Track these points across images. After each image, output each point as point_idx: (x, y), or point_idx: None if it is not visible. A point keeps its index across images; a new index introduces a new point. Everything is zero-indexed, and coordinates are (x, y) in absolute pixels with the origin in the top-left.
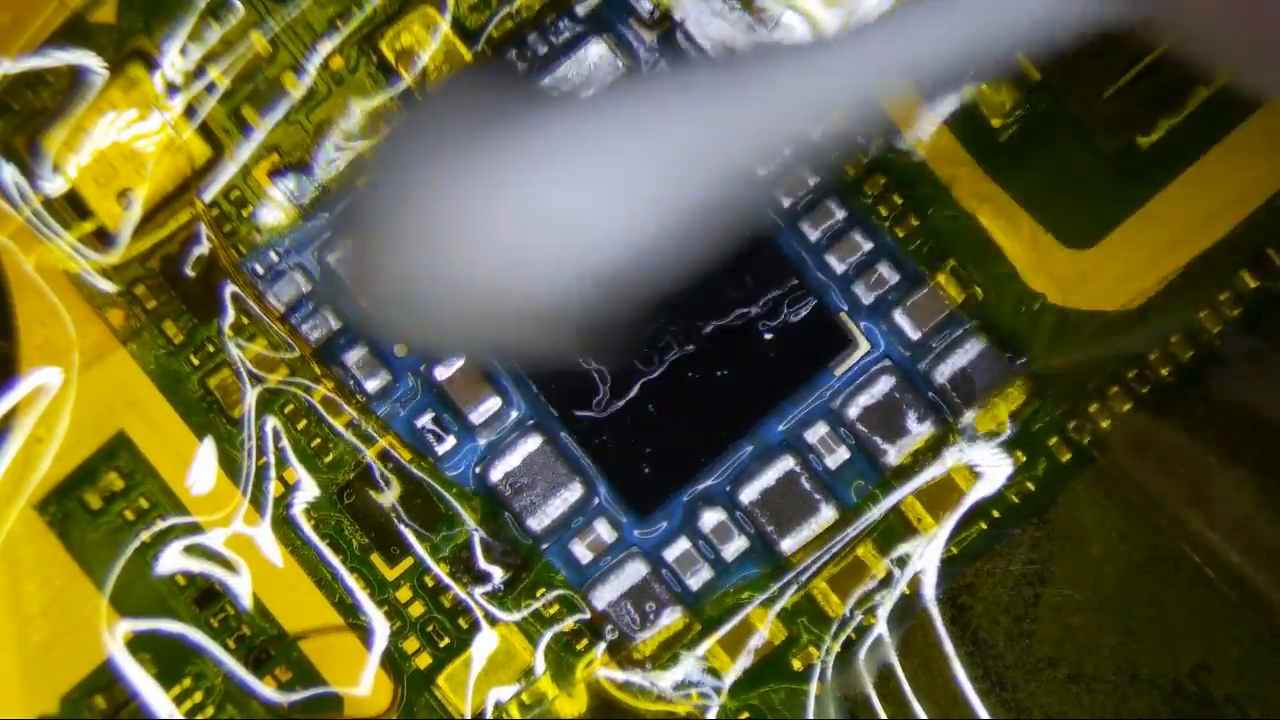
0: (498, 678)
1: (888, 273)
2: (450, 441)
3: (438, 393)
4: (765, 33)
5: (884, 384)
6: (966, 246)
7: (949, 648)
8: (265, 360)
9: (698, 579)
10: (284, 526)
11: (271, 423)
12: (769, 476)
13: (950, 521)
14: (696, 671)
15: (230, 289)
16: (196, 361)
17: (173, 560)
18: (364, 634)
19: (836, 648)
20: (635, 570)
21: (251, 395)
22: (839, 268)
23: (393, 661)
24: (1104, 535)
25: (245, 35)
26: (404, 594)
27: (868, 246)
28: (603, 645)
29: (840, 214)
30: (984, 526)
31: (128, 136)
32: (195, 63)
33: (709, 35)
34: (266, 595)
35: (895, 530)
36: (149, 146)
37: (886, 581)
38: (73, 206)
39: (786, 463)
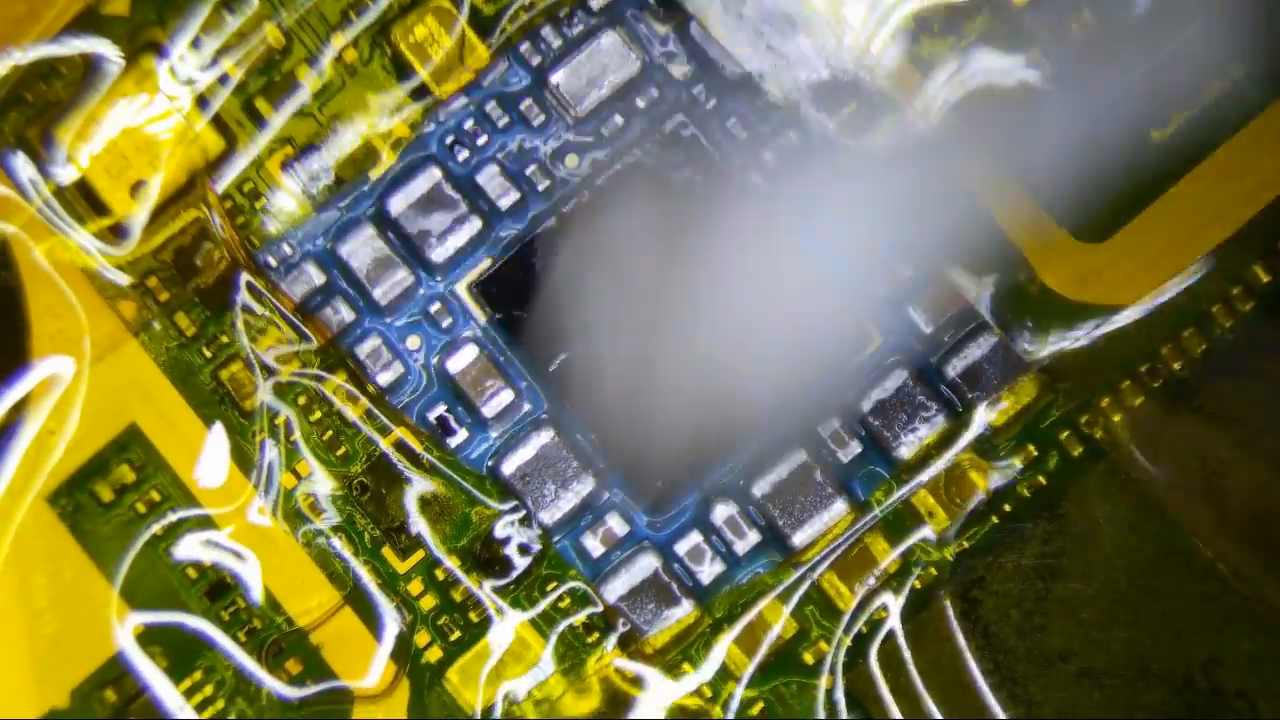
0: (509, 672)
1: (901, 266)
2: (462, 434)
3: (450, 385)
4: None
5: (896, 378)
6: (979, 239)
7: (960, 641)
8: (277, 353)
9: (709, 573)
10: (296, 519)
11: (283, 415)
12: (781, 470)
13: (962, 515)
14: (707, 665)
15: (243, 281)
16: (209, 354)
17: (188, 550)
18: (375, 627)
19: (848, 641)
20: (647, 564)
21: (264, 387)
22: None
23: (404, 655)
24: (1115, 529)
25: (258, 27)
26: (415, 587)
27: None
28: (614, 639)
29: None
30: (995, 520)
31: (140, 128)
32: (208, 55)
33: (730, 38)
34: (277, 588)
35: (907, 524)
36: (162, 138)
37: (898, 575)
38: (85, 198)
39: (799, 456)
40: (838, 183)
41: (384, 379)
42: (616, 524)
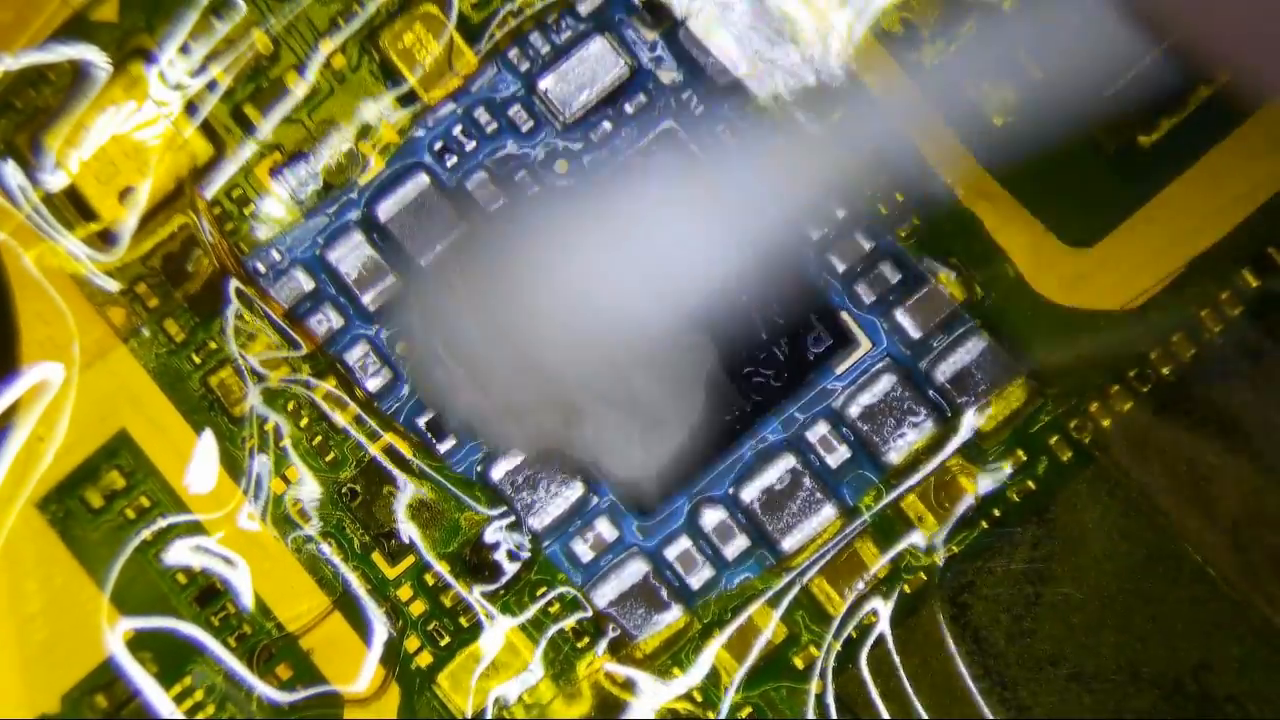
0: (499, 676)
1: (889, 272)
2: (451, 440)
3: None
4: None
5: (885, 383)
6: (968, 245)
7: (950, 646)
8: (266, 358)
9: (699, 578)
10: (285, 525)
11: (273, 421)
12: (770, 475)
13: (951, 520)
14: (697, 670)
15: (232, 287)
16: (198, 360)
17: (179, 555)
18: (364, 632)
19: (837, 646)
20: (636, 569)
21: (253, 393)
22: (840, 266)
23: (394, 660)
24: (1105, 534)
25: (247, 33)
26: (405, 592)
27: (869, 246)
28: (604, 644)
29: (841, 213)
30: (985, 525)
31: (129, 135)
32: (197, 61)
33: (719, 45)
34: (267, 594)
35: (896, 529)
36: (150, 145)
37: (888, 580)
38: (74, 205)
39: (788, 461)
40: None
41: (373, 385)
42: (606, 529)
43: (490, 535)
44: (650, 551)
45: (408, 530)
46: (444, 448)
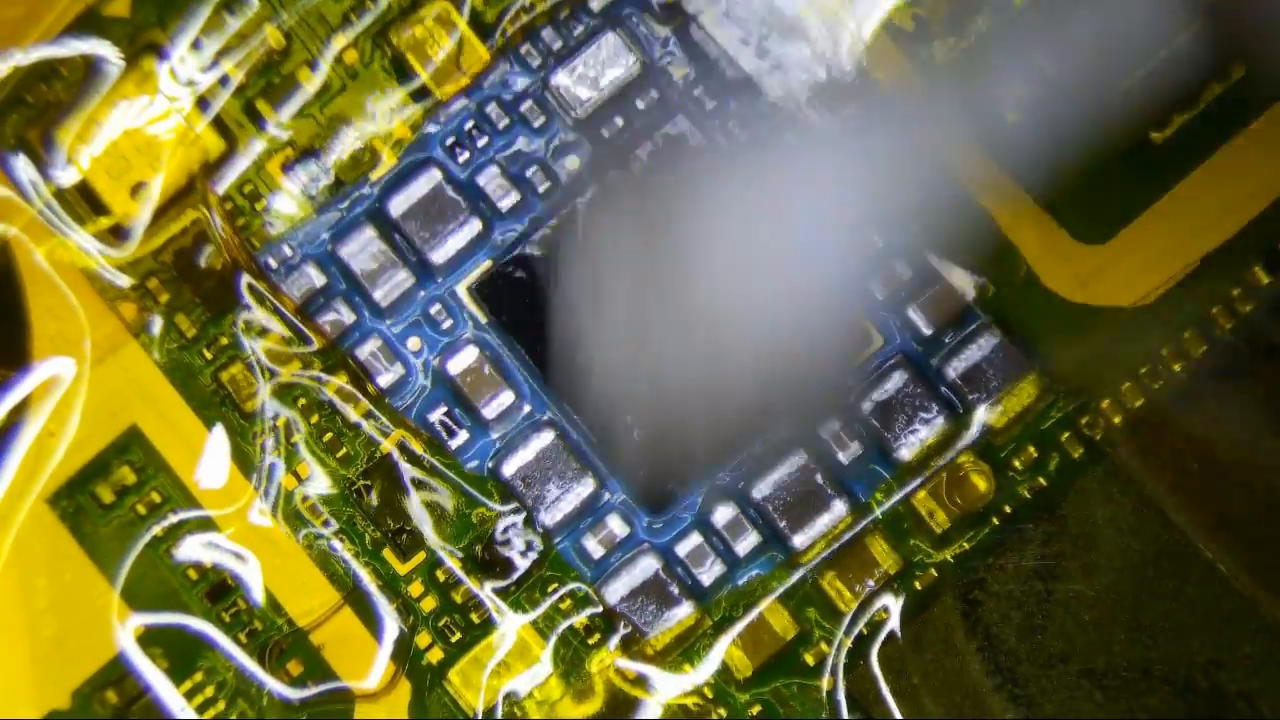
0: (510, 673)
1: (901, 268)
2: (463, 436)
3: (451, 387)
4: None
5: (897, 379)
6: (979, 242)
7: (961, 643)
8: (278, 354)
9: (710, 574)
10: (296, 521)
11: (284, 417)
12: (781, 471)
13: (963, 516)
14: (708, 666)
15: (244, 282)
16: (209, 355)
17: (190, 551)
18: (375, 628)
19: (848, 643)
20: (647, 565)
21: (265, 389)
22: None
23: (405, 656)
24: (1116, 531)
25: (259, 29)
26: (416, 589)
27: (880, 243)
28: (615, 640)
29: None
30: (996, 522)
31: (141, 130)
32: (209, 56)
33: (721, 36)
34: (278, 590)
35: (907, 525)
36: (163, 140)
37: (899, 576)
38: (86, 200)
39: (799, 458)
40: (823, 178)
41: (384, 380)
42: (617, 525)
43: (501, 532)
44: (661, 548)
45: (419, 526)
46: (455, 444)
